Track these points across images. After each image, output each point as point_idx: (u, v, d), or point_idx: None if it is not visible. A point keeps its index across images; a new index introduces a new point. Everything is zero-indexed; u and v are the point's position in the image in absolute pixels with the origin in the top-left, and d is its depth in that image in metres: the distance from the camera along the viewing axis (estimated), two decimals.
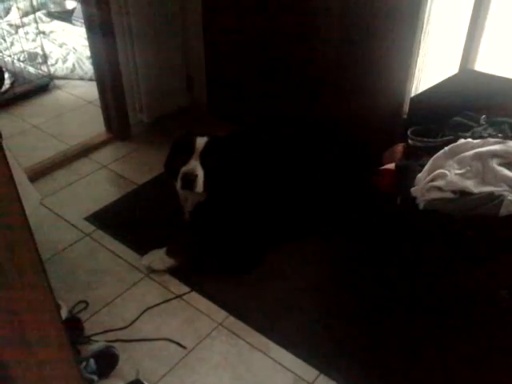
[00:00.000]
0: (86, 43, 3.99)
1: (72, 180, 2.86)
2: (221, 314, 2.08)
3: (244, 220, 2.31)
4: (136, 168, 2.96)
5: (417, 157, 2.22)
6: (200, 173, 2.16)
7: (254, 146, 2.51)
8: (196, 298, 2.15)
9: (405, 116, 2.57)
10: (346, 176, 2.49)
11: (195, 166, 2.16)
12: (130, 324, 2.03)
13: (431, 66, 2.50)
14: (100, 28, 2.89)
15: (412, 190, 2.03)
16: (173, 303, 2.13)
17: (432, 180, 1.97)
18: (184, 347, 1.95)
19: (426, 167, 2.03)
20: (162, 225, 2.49)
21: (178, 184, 2.19)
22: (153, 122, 3.24)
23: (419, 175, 2.05)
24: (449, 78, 2.36)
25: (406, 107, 2.55)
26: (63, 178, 2.87)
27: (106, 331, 1.99)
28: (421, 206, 1.99)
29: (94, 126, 3.28)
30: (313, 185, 2.44)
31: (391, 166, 2.23)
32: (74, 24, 4.71)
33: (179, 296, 2.16)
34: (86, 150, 3.07)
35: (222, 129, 3.01)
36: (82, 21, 4.24)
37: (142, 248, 2.35)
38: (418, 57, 2.46)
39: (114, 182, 2.87)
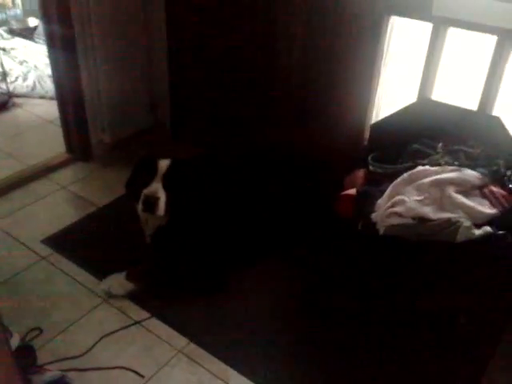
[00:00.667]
0: (48, 61, 3.97)
1: (29, 201, 2.78)
2: (181, 341, 2.04)
3: (205, 243, 2.28)
4: (96, 189, 2.90)
5: (377, 182, 2.25)
6: (162, 195, 2.13)
7: (216, 169, 2.49)
8: (156, 324, 2.11)
9: (365, 142, 2.61)
10: (307, 201, 2.51)
11: (157, 189, 2.13)
12: (86, 352, 1.96)
13: (391, 94, 2.56)
14: (62, 46, 2.84)
15: (373, 215, 2.06)
16: (131, 330, 2.08)
17: (392, 206, 2.00)
18: (142, 376, 1.90)
19: (386, 193, 2.07)
20: (122, 248, 2.44)
21: (139, 207, 2.16)
22: (115, 143, 3.20)
23: (379, 201, 2.08)
24: (408, 106, 2.42)
25: (367, 133, 2.60)
26: (20, 199, 2.79)
27: (60, 360, 1.92)
28: (381, 232, 2.02)
29: (53, 145, 3.21)
30: (274, 208, 2.44)
31: (352, 191, 2.26)
32: (36, 42, 4.65)
33: (138, 322, 2.11)
34: (44, 171, 3.00)
35: (185, 151, 2.99)
36: (44, 39, 4.22)
37: (100, 272, 2.29)
38: (378, 85, 2.52)
39: (73, 203, 2.80)
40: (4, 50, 4.30)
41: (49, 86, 3.84)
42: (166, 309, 2.17)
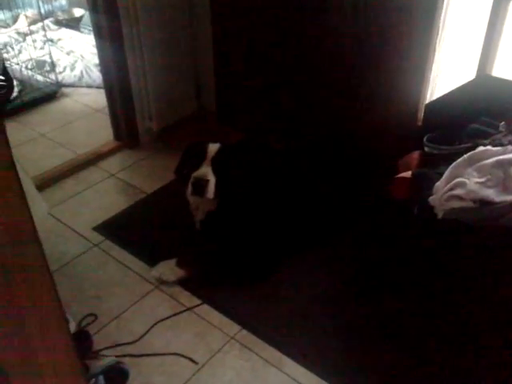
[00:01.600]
0: (94, 51, 3.97)
1: (80, 189, 2.81)
2: (233, 328, 2.02)
3: (256, 229, 2.25)
4: (145, 176, 2.91)
5: (434, 165, 2.15)
6: (211, 178, 2.11)
7: (266, 154, 2.45)
8: (207, 311, 2.09)
9: (420, 123, 2.50)
10: (359, 185, 2.43)
11: (207, 172, 2.11)
12: (140, 338, 1.97)
13: (447, 72, 2.44)
14: (109, 36, 2.85)
15: (430, 199, 1.97)
16: (183, 316, 2.07)
17: (451, 189, 1.91)
18: (195, 362, 1.89)
19: (445, 175, 1.97)
20: (173, 235, 2.43)
21: (189, 189, 2.14)
22: (161, 131, 3.20)
23: (437, 184, 1.98)
24: (465, 84, 2.30)
25: (421, 114, 2.49)
26: (71, 187, 2.83)
27: (115, 346, 1.93)
28: (439, 216, 1.93)
29: (102, 134, 3.23)
30: (325, 194, 2.38)
31: (407, 174, 2.17)
32: (81, 31, 4.68)
33: (190, 309, 2.10)
34: (94, 159, 3.03)
35: (231, 137, 2.97)
36: (90, 28, 4.26)
37: (151, 259, 2.29)
38: (433, 62, 2.40)
39: (122, 190, 2.82)
40: (51, 40, 4.36)
41: (96, 75, 3.88)
42: (216, 295, 2.15)
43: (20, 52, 4.17)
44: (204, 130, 3.22)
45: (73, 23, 4.76)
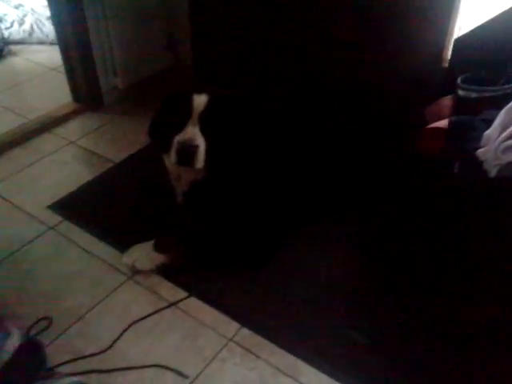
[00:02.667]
0: (46, 3, 3.44)
1: (32, 160, 2.31)
2: (231, 326, 1.58)
3: (253, 202, 1.79)
4: (112, 143, 2.42)
5: (474, 111, 1.71)
6: (201, 143, 1.63)
7: (265, 111, 1.97)
8: (196, 306, 1.64)
9: (445, 64, 2.06)
10: (376, 144, 1.98)
11: (194, 134, 1.63)
12: (110, 347, 1.51)
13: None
14: None
15: (479, 151, 1.53)
16: (166, 314, 1.62)
17: (509, 137, 1.47)
18: (185, 376, 1.44)
19: (497, 121, 1.53)
20: (148, 212, 1.97)
21: (172, 158, 1.66)
22: (129, 88, 2.70)
23: (487, 132, 1.54)
24: (503, 13, 1.85)
25: (447, 53, 2.05)
26: (21, 159, 2.32)
27: (77, 359, 1.47)
28: (492, 173, 1.49)
29: (58, 95, 2.72)
30: (337, 158, 1.93)
31: (441, 123, 1.73)
32: None
33: (174, 304, 1.65)
34: (48, 124, 2.53)
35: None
36: None
37: (122, 242, 1.82)
38: None
39: (84, 160, 2.33)
40: None
41: (49, 29, 3.33)
42: (206, 286, 1.71)
43: None
44: (180, 85, 2.69)
45: None
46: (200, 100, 1.65)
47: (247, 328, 1.57)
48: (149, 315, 1.61)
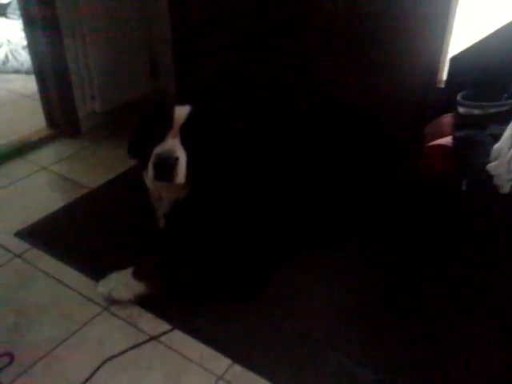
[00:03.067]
0: (23, 35, 3.34)
1: (1, 185, 2.13)
2: (220, 363, 1.39)
3: (242, 224, 1.64)
4: (87, 169, 2.26)
5: (477, 127, 1.62)
6: (182, 155, 1.49)
7: (254, 125, 1.85)
8: (180, 340, 1.46)
9: (440, 85, 1.99)
10: (374, 165, 1.87)
11: (174, 146, 1.49)
12: None
13: (475, 18, 1.94)
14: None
15: (490, 166, 1.43)
16: (146, 349, 1.43)
17: None
18: None
19: (508, 134, 1.43)
20: (126, 238, 1.79)
21: (150, 173, 1.51)
22: (108, 114, 2.56)
23: (497, 146, 1.45)
24: (501, 29, 1.81)
25: (442, 73, 1.98)
26: None
27: None
28: (505, 188, 1.39)
29: (31, 121, 2.57)
30: (331, 178, 1.80)
31: (444, 140, 1.63)
32: (8, 18, 4.02)
33: (155, 337, 1.46)
34: (19, 149, 2.37)
35: None
36: (18, 13, 3.63)
37: (97, 271, 1.64)
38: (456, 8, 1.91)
39: (57, 186, 2.16)
40: None
41: (25, 58, 3.23)
42: (191, 318, 1.52)
43: None
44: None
45: None
46: (182, 111, 1.53)
47: (239, 364, 1.38)
48: (126, 350, 1.41)
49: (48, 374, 1.34)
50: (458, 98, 1.74)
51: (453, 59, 1.91)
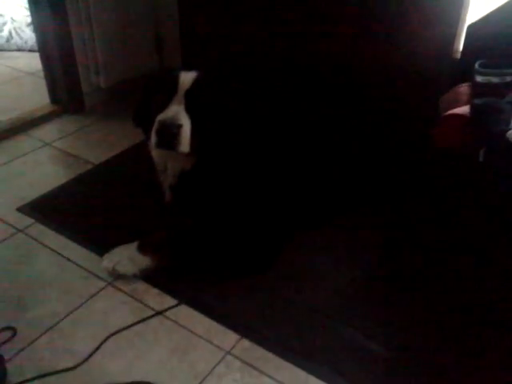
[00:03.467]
0: (26, 12, 3.29)
1: (3, 161, 2.09)
2: (228, 337, 1.35)
3: (251, 195, 1.58)
4: (91, 145, 2.21)
5: (496, 96, 1.55)
6: (186, 123, 1.43)
7: (260, 90, 1.78)
8: (187, 315, 1.42)
9: (456, 55, 1.92)
10: (386, 136, 1.80)
11: (177, 112, 1.43)
12: (86, 360, 1.27)
13: None
14: None
15: (510, 133, 1.36)
16: (152, 324, 1.39)
17: None
18: None
19: None
20: (131, 212, 1.75)
21: (153, 140, 1.45)
22: (112, 90, 2.50)
23: None
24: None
25: (458, 43, 1.90)
26: None
27: (46, 375, 1.22)
28: None
29: (35, 98, 2.53)
30: (341, 150, 1.74)
31: (461, 110, 1.56)
32: None
33: (161, 312, 1.42)
34: (22, 125, 2.32)
35: None
36: None
37: (101, 245, 1.59)
38: None
39: (61, 162, 2.12)
40: None
41: (28, 35, 3.17)
42: (198, 293, 1.48)
43: None
44: None
45: None
46: (187, 77, 1.47)
47: (248, 339, 1.34)
48: (131, 325, 1.38)
49: (51, 348, 1.30)
50: (476, 66, 1.67)
51: (470, 27, 1.83)
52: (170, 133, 1.42)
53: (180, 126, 1.42)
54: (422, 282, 1.50)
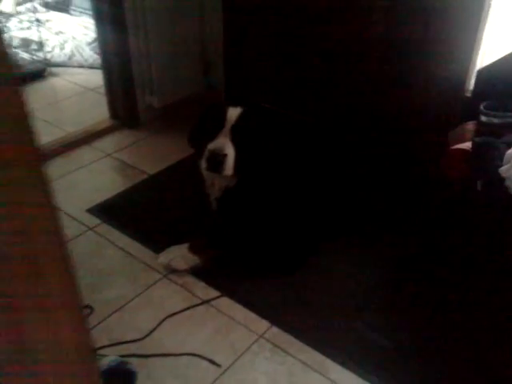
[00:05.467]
0: (86, 32, 3.66)
1: (71, 169, 2.44)
2: (261, 324, 1.66)
3: (280, 211, 1.90)
4: (146, 157, 2.54)
5: (496, 135, 1.83)
6: (230, 152, 1.75)
7: (295, 124, 2.10)
8: (228, 305, 1.73)
9: (468, 94, 2.19)
10: (401, 164, 2.10)
11: (224, 144, 1.75)
12: (148, 335, 1.60)
13: (503, 33, 2.13)
14: (108, 3, 2.51)
15: (502, 169, 1.64)
16: (199, 310, 1.71)
17: None
18: (218, 365, 1.52)
19: None
20: (183, 217, 2.08)
21: (203, 164, 1.78)
22: (164, 109, 2.84)
23: (510, 152, 1.66)
24: None
25: (469, 83, 2.18)
26: (61, 167, 2.44)
27: (117, 343, 1.55)
28: None
29: (96, 112, 2.87)
30: (363, 173, 2.05)
31: (465, 145, 1.84)
32: (71, 14, 4.33)
33: (207, 301, 1.73)
34: (87, 137, 2.66)
35: None
36: (81, 10, 3.95)
37: (157, 244, 1.93)
38: (486, 22, 2.10)
39: (120, 171, 2.45)
40: (38, 21, 3.99)
41: (88, 54, 3.53)
42: (237, 287, 1.79)
43: (2, 32, 3.79)
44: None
45: (62, 6, 4.40)
46: (234, 112, 1.79)
47: (277, 327, 1.65)
48: (183, 310, 1.70)
49: (121, 324, 1.63)
50: (481, 107, 1.94)
51: (480, 72, 2.11)
52: (217, 160, 1.75)
53: (225, 155, 1.75)
54: (429, 289, 1.78)
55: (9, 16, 4.03)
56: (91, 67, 3.45)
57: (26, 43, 3.61)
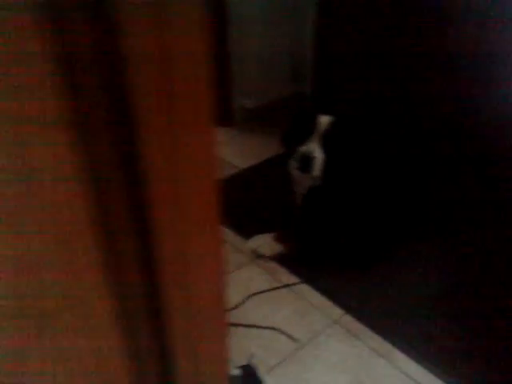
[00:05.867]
0: None
1: None
2: (336, 311, 1.83)
3: (359, 211, 2.06)
4: (238, 153, 2.79)
5: None
6: (319, 155, 1.94)
7: (381, 136, 2.26)
8: (306, 291, 1.92)
9: None
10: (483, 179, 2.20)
11: (314, 148, 1.94)
12: (235, 307, 1.82)
13: None
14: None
15: None
16: (281, 292, 1.91)
17: None
18: (296, 340, 1.71)
19: None
20: (270, 209, 2.29)
21: (294, 164, 1.98)
22: (256, 110, 3.07)
23: None
24: None
25: None
26: None
27: None
28: None
29: None
30: (443, 189, 2.18)
31: None
32: None
33: (288, 285, 1.93)
34: None
35: None
36: None
37: (246, 232, 2.15)
38: None
39: None
40: None
41: None
42: (316, 275, 1.98)
43: None
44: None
45: None
46: (324, 120, 1.97)
47: (350, 315, 1.82)
48: (266, 290, 1.90)
49: None
50: None
51: None
52: (306, 162, 1.94)
53: (314, 158, 1.94)
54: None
55: None
56: None
57: None
